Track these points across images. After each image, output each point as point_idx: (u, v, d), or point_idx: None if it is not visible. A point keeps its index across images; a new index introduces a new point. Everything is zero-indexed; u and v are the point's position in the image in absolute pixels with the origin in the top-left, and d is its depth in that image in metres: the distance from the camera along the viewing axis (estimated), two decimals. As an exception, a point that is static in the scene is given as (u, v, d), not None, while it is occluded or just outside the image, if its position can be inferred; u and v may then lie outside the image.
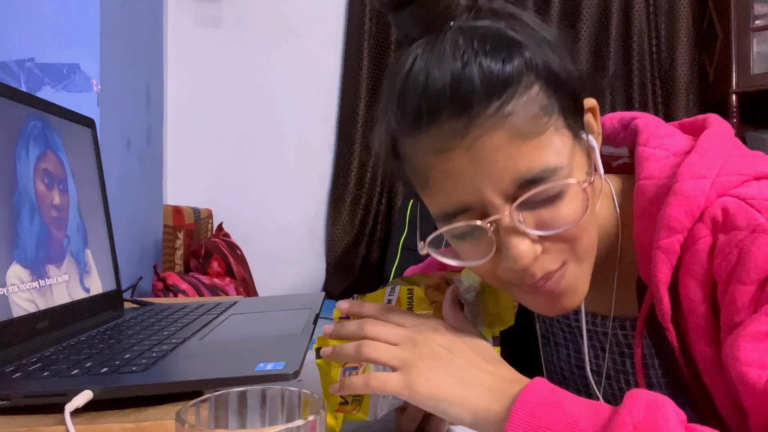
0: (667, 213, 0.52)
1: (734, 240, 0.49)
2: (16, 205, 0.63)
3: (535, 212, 0.49)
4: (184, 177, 2.30)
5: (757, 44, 2.21)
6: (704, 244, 0.51)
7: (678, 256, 0.52)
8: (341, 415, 0.53)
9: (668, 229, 0.52)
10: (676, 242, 0.52)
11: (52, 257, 0.69)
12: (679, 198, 0.52)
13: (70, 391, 0.45)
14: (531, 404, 0.43)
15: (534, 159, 0.47)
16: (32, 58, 1.16)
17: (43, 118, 0.71)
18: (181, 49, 2.30)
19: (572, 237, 0.51)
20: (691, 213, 0.51)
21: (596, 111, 0.56)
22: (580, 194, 0.50)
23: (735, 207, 0.50)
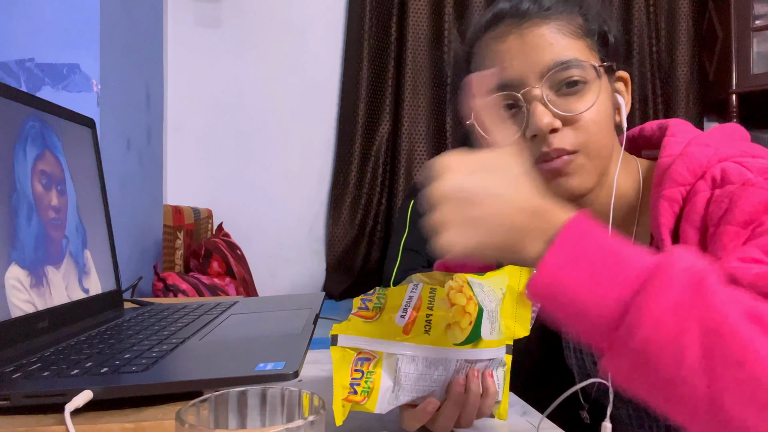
0: (672, 168, 0.62)
1: (727, 191, 0.57)
2: (14, 206, 0.63)
3: (560, 97, 0.63)
4: (184, 177, 2.30)
5: (757, 44, 2.21)
6: (702, 197, 0.59)
7: (680, 206, 0.61)
8: (348, 405, 0.53)
9: (672, 181, 0.61)
10: (678, 193, 0.61)
11: (51, 257, 0.69)
12: (684, 158, 0.62)
13: (70, 391, 0.45)
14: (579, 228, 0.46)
15: (568, 50, 0.63)
16: (32, 58, 1.15)
17: (42, 118, 0.71)
18: (181, 49, 2.30)
19: (586, 128, 0.63)
20: (693, 170, 0.61)
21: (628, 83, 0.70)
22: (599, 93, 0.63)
23: (731, 168, 0.59)
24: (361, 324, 0.54)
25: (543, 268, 0.44)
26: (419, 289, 0.55)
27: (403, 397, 0.54)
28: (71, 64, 1.17)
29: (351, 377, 0.53)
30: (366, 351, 0.53)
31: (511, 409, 0.61)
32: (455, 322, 0.54)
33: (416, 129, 2.49)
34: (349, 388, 0.53)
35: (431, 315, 0.54)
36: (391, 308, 0.54)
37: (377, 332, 0.53)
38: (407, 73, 2.44)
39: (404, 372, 0.53)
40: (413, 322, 0.54)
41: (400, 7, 2.46)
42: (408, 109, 2.45)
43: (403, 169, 2.46)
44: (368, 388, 0.53)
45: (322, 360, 0.78)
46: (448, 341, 0.54)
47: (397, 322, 0.54)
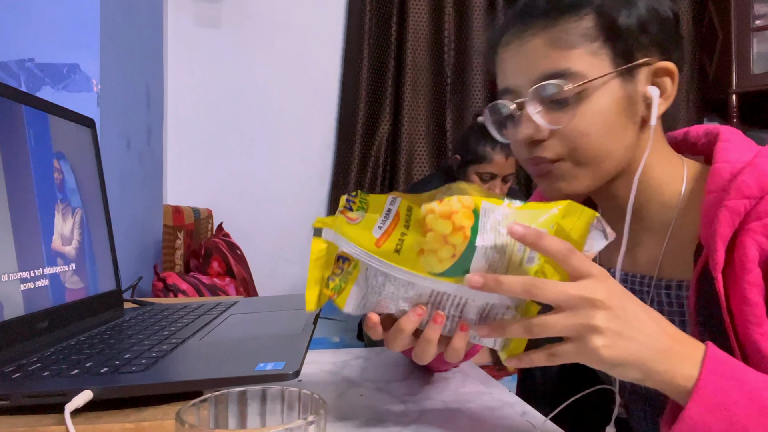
0: (740, 179, 0.59)
1: None
2: (16, 205, 0.63)
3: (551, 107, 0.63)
4: (184, 177, 2.30)
5: (757, 44, 2.22)
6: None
7: (740, 219, 0.58)
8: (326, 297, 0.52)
9: (738, 192, 0.59)
10: (742, 206, 0.58)
11: (51, 257, 0.69)
12: (754, 169, 0.59)
13: (70, 391, 0.45)
14: (716, 374, 0.48)
15: (558, 61, 0.62)
16: (32, 58, 1.15)
17: (43, 118, 0.71)
18: (181, 49, 2.30)
19: (571, 139, 0.63)
20: (761, 186, 0.58)
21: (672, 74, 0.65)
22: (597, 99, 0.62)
23: None
24: (345, 224, 0.51)
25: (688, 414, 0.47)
26: (397, 204, 0.51)
27: (370, 305, 0.52)
28: (71, 64, 1.17)
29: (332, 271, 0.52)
30: (345, 252, 0.51)
31: (511, 409, 0.61)
32: (431, 250, 0.49)
33: (416, 129, 2.49)
34: (324, 280, 0.52)
35: (405, 235, 0.50)
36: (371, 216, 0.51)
37: (354, 236, 0.51)
38: (407, 73, 2.44)
39: (372, 283, 0.51)
40: (386, 237, 0.50)
41: (400, 7, 2.46)
42: (408, 109, 2.45)
43: (403, 169, 2.46)
44: (340, 286, 0.52)
45: (322, 360, 0.78)
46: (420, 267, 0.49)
47: (373, 232, 0.51)
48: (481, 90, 2.53)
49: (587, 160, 0.64)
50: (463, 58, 2.52)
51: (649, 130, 0.65)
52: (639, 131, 0.66)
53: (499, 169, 1.92)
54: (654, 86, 0.65)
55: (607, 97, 0.63)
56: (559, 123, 0.63)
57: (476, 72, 2.52)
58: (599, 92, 0.63)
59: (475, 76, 2.52)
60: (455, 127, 2.53)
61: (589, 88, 0.62)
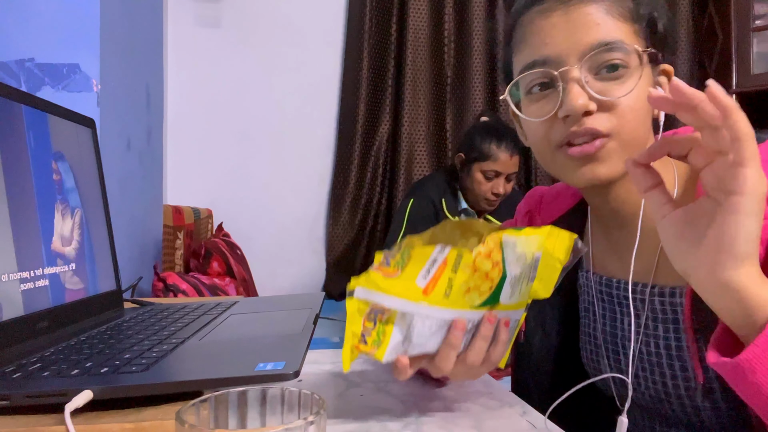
0: None
1: None
2: (15, 205, 0.63)
3: (599, 80, 0.60)
4: (184, 177, 2.30)
5: (757, 44, 2.22)
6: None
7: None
8: (357, 353, 0.53)
9: None
10: None
11: (51, 257, 0.69)
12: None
13: (70, 391, 0.45)
14: None
15: (614, 31, 0.60)
16: (32, 58, 1.15)
17: (43, 118, 0.71)
18: (181, 49, 2.30)
19: (622, 114, 0.61)
20: None
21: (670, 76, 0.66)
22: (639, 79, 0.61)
23: None
24: (381, 279, 0.53)
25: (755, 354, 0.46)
26: (446, 252, 0.54)
27: (411, 351, 0.55)
28: (71, 64, 1.17)
29: (363, 326, 0.53)
30: (380, 305, 0.53)
31: (511, 409, 0.61)
32: (475, 286, 0.54)
33: (416, 129, 2.49)
34: (359, 337, 0.53)
35: (453, 279, 0.53)
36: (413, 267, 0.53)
37: (396, 289, 0.53)
38: (407, 73, 2.44)
39: (417, 330, 0.53)
40: (434, 284, 0.53)
41: (400, 7, 2.46)
42: (408, 109, 2.45)
43: (403, 169, 2.46)
44: (378, 340, 0.53)
45: (322, 360, 0.78)
46: (465, 303, 0.54)
47: (417, 282, 0.53)
48: (481, 90, 2.53)
49: (630, 141, 0.62)
50: (463, 58, 2.52)
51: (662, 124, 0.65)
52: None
53: (503, 167, 1.92)
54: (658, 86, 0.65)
55: (644, 79, 0.62)
56: (613, 94, 0.61)
57: (476, 72, 2.52)
58: (637, 74, 0.62)
59: (475, 76, 2.52)
60: (455, 127, 2.53)
61: (635, 66, 0.61)
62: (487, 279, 0.54)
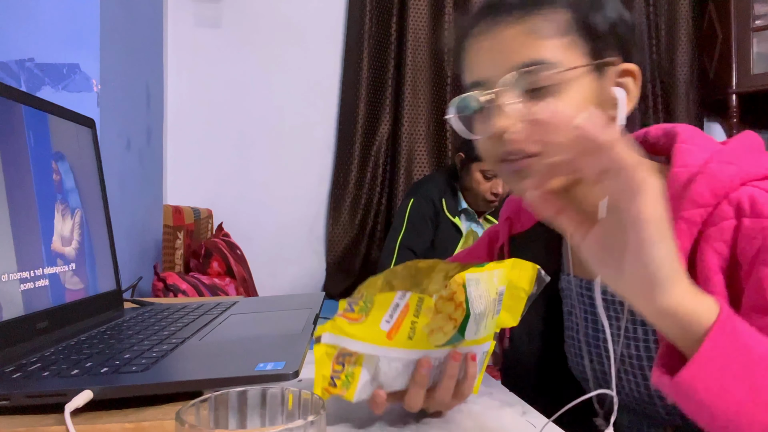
0: (693, 189, 0.58)
1: (759, 226, 0.54)
2: (15, 206, 0.63)
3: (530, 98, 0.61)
4: (184, 177, 2.30)
5: (757, 44, 2.22)
6: (729, 225, 0.56)
7: (699, 228, 0.58)
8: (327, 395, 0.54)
9: (692, 203, 0.58)
10: (698, 215, 0.57)
11: (51, 257, 0.69)
12: (706, 177, 0.58)
13: (70, 391, 0.45)
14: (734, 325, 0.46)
15: (539, 51, 0.61)
16: (32, 58, 1.15)
17: (43, 118, 0.71)
18: (181, 49, 2.30)
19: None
20: (715, 192, 0.57)
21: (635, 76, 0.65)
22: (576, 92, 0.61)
23: (761, 196, 0.55)
24: (346, 324, 0.55)
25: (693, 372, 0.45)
26: (407, 297, 0.56)
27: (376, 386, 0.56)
28: (71, 64, 1.17)
29: (332, 369, 0.54)
30: (347, 349, 0.54)
31: (511, 408, 0.61)
32: (438, 327, 0.55)
33: (416, 129, 2.49)
34: (329, 380, 0.54)
35: (416, 322, 0.55)
36: (377, 313, 0.55)
37: (361, 334, 0.54)
38: (407, 73, 2.44)
39: (383, 371, 0.55)
40: (397, 329, 0.55)
41: (400, 7, 2.46)
42: (408, 109, 2.45)
43: (403, 169, 2.46)
44: (348, 381, 0.55)
45: (322, 360, 0.77)
46: (429, 344, 0.55)
47: (381, 326, 0.55)
48: (481, 90, 2.53)
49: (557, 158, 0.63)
50: (463, 58, 2.52)
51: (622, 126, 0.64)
52: None
53: None
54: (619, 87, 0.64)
55: (580, 91, 0.62)
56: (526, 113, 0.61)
57: (476, 72, 2.52)
58: (573, 85, 0.61)
59: (475, 76, 2.52)
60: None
61: (564, 81, 0.61)
62: (451, 320, 0.55)
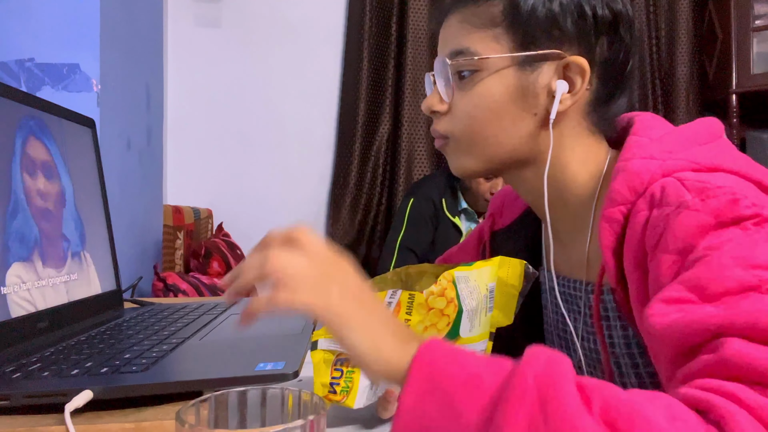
0: (612, 186, 0.58)
1: (662, 214, 0.53)
2: (15, 206, 0.63)
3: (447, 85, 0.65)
4: (184, 177, 2.30)
5: (757, 44, 2.22)
6: (641, 217, 0.55)
7: (622, 225, 0.57)
8: (328, 403, 0.54)
9: (611, 201, 0.58)
10: (618, 212, 0.57)
11: (51, 257, 0.69)
12: (624, 174, 0.57)
13: (70, 391, 0.45)
14: (432, 358, 0.41)
15: (463, 41, 0.64)
16: (32, 58, 1.15)
17: (43, 118, 0.71)
18: (181, 49, 2.30)
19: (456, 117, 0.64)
20: (633, 188, 0.57)
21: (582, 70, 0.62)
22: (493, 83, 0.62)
23: (671, 185, 0.54)
24: None
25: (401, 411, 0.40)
26: (398, 295, 0.56)
27: (380, 391, 0.56)
28: (71, 64, 1.17)
29: (331, 377, 0.54)
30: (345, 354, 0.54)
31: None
32: (432, 324, 0.55)
33: (416, 129, 2.49)
34: (328, 387, 0.54)
35: (409, 320, 0.55)
36: None
37: None
38: (407, 73, 2.44)
39: None
40: None
41: (400, 7, 2.46)
42: (408, 109, 2.45)
43: (403, 169, 2.46)
44: (347, 387, 0.54)
45: (322, 360, 0.78)
46: None
47: None
48: (481, 90, 2.53)
49: (469, 141, 0.65)
50: (463, 58, 2.52)
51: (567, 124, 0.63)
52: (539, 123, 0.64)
53: None
54: (564, 80, 0.62)
55: (498, 83, 0.63)
56: (448, 98, 0.65)
57: (476, 72, 2.52)
58: (492, 77, 0.63)
59: (475, 76, 2.52)
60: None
61: (483, 72, 0.63)
62: (444, 316, 0.55)
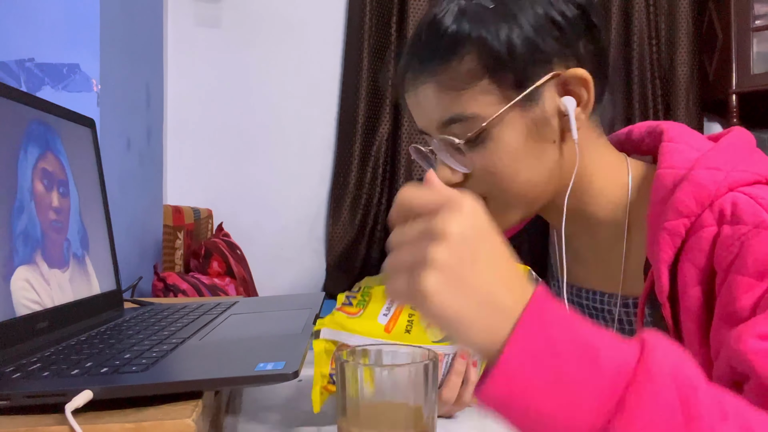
0: (677, 197, 0.55)
1: (738, 233, 0.51)
2: (17, 207, 0.63)
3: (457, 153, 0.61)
4: (184, 177, 2.30)
5: (757, 44, 2.21)
6: (709, 233, 0.53)
7: (682, 239, 0.55)
8: (326, 394, 0.54)
9: (676, 212, 0.55)
10: (682, 225, 0.54)
11: (52, 257, 0.69)
12: (691, 185, 0.55)
13: (70, 391, 0.45)
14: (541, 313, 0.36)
15: (452, 106, 0.60)
16: (32, 58, 1.15)
17: (43, 119, 0.71)
18: (181, 49, 2.30)
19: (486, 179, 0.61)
20: (700, 201, 0.54)
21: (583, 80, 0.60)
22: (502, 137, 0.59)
23: (744, 202, 0.52)
24: (344, 319, 0.55)
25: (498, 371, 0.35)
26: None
27: None
28: (71, 64, 1.17)
29: (331, 367, 0.54)
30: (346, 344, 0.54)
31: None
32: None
33: (416, 129, 2.49)
34: (328, 378, 0.54)
35: (414, 315, 0.55)
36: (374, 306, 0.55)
37: (359, 328, 0.54)
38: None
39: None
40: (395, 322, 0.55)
41: (400, 7, 2.46)
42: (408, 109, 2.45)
43: (403, 169, 2.46)
44: None
45: (322, 360, 0.77)
46: (427, 339, 0.55)
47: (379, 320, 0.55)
48: (481, 90, 2.53)
49: (509, 198, 0.61)
50: (463, 58, 2.52)
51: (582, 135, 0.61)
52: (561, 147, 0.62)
53: None
54: (569, 96, 0.60)
55: (509, 131, 0.60)
56: (466, 167, 0.61)
57: (476, 72, 2.52)
58: (499, 129, 0.59)
59: (475, 76, 2.52)
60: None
61: (488, 128, 0.59)
62: None
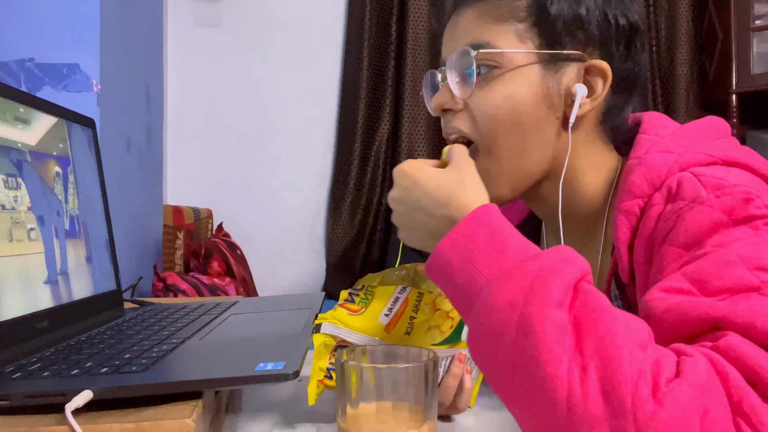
0: (630, 179, 0.57)
1: (675, 208, 0.52)
2: (17, 207, 0.63)
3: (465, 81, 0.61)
4: (184, 177, 2.30)
5: (757, 44, 2.21)
6: (655, 211, 0.55)
7: (638, 218, 0.56)
8: (322, 387, 0.54)
9: (630, 194, 0.57)
10: (636, 206, 0.56)
11: (52, 257, 0.69)
12: (642, 167, 0.57)
13: (70, 391, 0.45)
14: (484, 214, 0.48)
15: (483, 35, 0.60)
16: (32, 58, 1.15)
17: (43, 119, 0.71)
18: (181, 49, 2.30)
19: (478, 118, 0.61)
20: (651, 181, 0.56)
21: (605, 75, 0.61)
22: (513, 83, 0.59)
23: (687, 180, 0.53)
24: (346, 315, 0.55)
25: (435, 249, 0.48)
26: (407, 292, 0.56)
27: None
28: (71, 64, 1.17)
29: (329, 362, 0.54)
30: (346, 341, 0.54)
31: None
32: (436, 325, 0.55)
33: (416, 129, 2.48)
34: (325, 372, 0.54)
35: (415, 318, 0.55)
36: (377, 305, 0.55)
37: (360, 326, 0.54)
38: (407, 73, 2.44)
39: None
40: (396, 323, 0.55)
41: (400, 7, 2.46)
42: (408, 109, 2.45)
43: (403, 169, 2.46)
44: None
45: (322, 360, 0.77)
46: (426, 342, 0.55)
47: (380, 319, 0.55)
48: (481, 90, 2.53)
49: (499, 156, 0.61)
50: (463, 58, 2.52)
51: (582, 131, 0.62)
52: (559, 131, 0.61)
53: None
54: (583, 84, 0.60)
55: (523, 82, 0.59)
56: (466, 94, 0.61)
57: (476, 72, 2.52)
58: (515, 76, 0.59)
59: (475, 76, 2.52)
60: (455, 127, 2.52)
61: (504, 69, 0.59)
62: (448, 318, 0.55)
